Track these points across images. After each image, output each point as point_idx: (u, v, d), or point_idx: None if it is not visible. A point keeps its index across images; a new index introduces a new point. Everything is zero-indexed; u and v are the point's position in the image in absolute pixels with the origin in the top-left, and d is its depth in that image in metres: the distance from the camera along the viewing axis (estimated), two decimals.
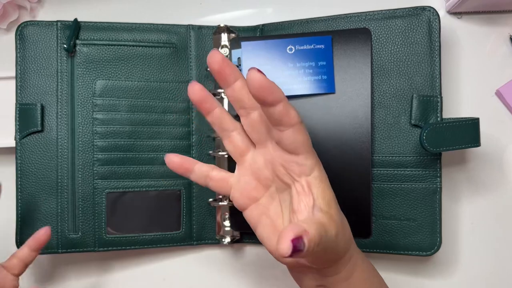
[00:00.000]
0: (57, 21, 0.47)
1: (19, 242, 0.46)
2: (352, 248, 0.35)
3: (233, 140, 0.36)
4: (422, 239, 0.44)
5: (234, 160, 0.48)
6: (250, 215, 0.36)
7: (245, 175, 0.36)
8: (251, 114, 0.34)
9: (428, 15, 0.44)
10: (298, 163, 0.32)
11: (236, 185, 0.36)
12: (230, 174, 0.37)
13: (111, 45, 0.47)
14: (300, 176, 0.32)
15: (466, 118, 0.43)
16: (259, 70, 0.29)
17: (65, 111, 0.47)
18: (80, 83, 0.47)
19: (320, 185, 0.32)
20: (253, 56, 0.46)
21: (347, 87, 0.45)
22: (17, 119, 0.46)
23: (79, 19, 0.47)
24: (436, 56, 0.44)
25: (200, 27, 0.49)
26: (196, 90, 0.35)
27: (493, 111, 0.50)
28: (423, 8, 0.45)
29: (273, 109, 0.30)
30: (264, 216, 0.35)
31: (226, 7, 0.53)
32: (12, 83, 0.48)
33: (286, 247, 0.25)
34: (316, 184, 0.32)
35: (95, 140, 0.47)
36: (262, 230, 0.35)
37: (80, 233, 0.46)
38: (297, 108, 0.45)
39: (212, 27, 0.49)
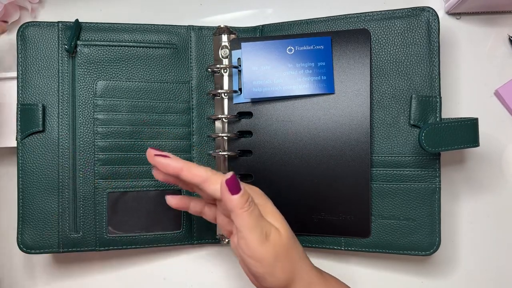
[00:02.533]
0: (58, 21, 0.47)
1: (20, 242, 0.46)
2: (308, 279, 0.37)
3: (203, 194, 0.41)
4: (421, 239, 0.45)
5: (233, 160, 0.48)
6: (231, 243, 0.40)
7: (219, 214, 0.41)
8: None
9: (427, 16, 0.45)
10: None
11: (217, 220, 0.41)
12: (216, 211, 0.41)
13: (112, 45, 0.48)
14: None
15: (465, 118, 0.43)
16: (161, 155, 0.37)
17: (66, 112, 0.47)
18: (81, 84, 0.47)
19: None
20: (253, 57, 0.46)
21: (347, 87, 0.45)
22: (19, 119, 0.46)
23: (80, 20, 0.48)
24: (435, 57, 0.44)
25: (200, 28, 0.49)
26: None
27: (492, 112, 0.50)
28: (422, 9, 0.45)
29: (182, 178, 0.37)
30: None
31: (226, 7, 0.53)
32: (14, 83, 0.48)
33: (223, 188, 0.34)
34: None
35: (96, 140, 0.47)
36: (237, 257, 0.39)
37: (81, 233, 0.47)
38: (297, 108, 0.46)
39: (213, 27, 0.49)
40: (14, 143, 0.47)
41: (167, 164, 0.37)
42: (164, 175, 0.39)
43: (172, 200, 0.41)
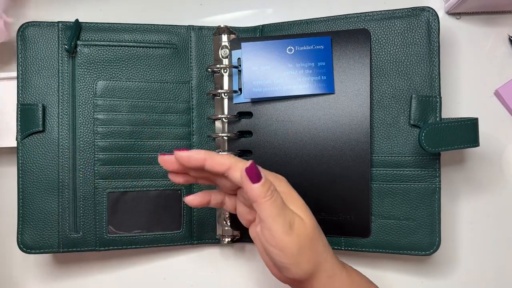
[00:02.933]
0: (58, 21, 0.47)
1: (20, 242, 0.46)
2: (329, 271, 0.37)
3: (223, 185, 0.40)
4: (421, 239, 0.45)
5: None
6: (250, 232, 0.40)
7: (239, 204, 0.40)
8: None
9: (427, 16, 0.45)
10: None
11: (237, 210, 0.41)
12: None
13: (112, 45, 0.48)
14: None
15: (465, 118, 0.43)
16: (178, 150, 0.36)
17: (66, 112, 0.47)
18: (81, 84, 0.47)
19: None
20: (253, 57, 0.46)
21: (347, 87, 0.45)
22: (19, 119, 0.46)
23: (80, 20, 0.48)
24: (435, 57, 0.44)
25: (200, 28, 0.49)
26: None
27: (492, 111, 0.50)
28: (422, 9, 0.45)
29: (206, 169, 0.36)
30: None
31: (226, 7, 0.53)
32: (14, 83, 0.48)
33: (243, 175, 0.34)
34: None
35: (96, 140, 0.47)
36: (257, 246, 0.39)
37: (81, 233, 0.47)
38: (297, 108, 0.46)
39: (213, 27, 0.49)
40: (14, 143, 0.47)
41: (189, 156, 0.35)
42: (184, 176, 0.38)
43: (194, 199, 0.39)
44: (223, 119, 0.48)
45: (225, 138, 0.48)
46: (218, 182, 0.39)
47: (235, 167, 0.35)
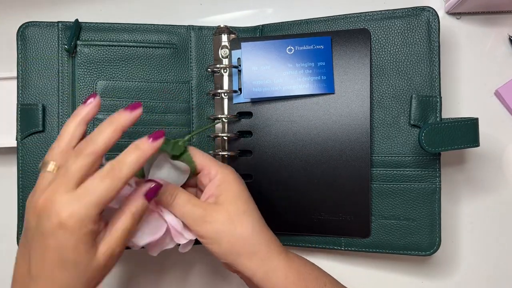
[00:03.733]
0: (58, 21, 0.47)
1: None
2: (260, 255, 0.38)
3: None
4: (421, 239, 0.45)
5: (233, 160, 0.48)
6: None
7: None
8: None
9: (427, 16, 0.45)
10: (205, 174, 0.39)
11: None
12: None
13: (112, 45, 0.48)
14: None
15: (465, 118, 0.43)
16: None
17: (66, 112, 0.47)
18: (81, 84, 0.47)
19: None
20: (252, 57, 0.46)
21: (347, 87, 0.45)
22: (19, 119, 0.46)
23: (80, 20, 0.48)
24: (436, 57, 0.44)
25: (200, 28, 0.49)
26: None
27: (492, 111, 0.50)
28: (423, 9, 0.45)
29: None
30: None
31: (226, 7, 0.53)
32: (14, 83, 0.48)
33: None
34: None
35: None
36: None
37: None
38: (297, 108, 0.46)
39: (213, 27, 0.49)
40: (14, 143, 0.47)
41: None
42: None
43: None
44: (223, 119, 0.48)
45: (225, 138, 0.47)
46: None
47: (193, 153, 0.39)
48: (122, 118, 0.34)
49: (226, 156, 0.47)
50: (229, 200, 0.38)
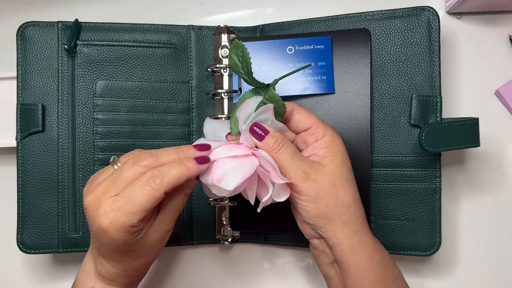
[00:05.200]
0: (58, 21, 0.47)
1: (20, 242, 0.46)
2: (353, 226, 0.37)
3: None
4: (421, 239, 0.45)
5: None
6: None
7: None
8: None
9: (427, 16, 0.45)
10: (311, 133, 0.39)
11: None
12: None
13: (112, 45, 0.48)
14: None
15: (465, 118, 0.43)
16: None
17: (65, 111, 0.47)
18: (80, 84, 0.47)
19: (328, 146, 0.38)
20: (252, 57, 0.46)
21: (347, 87, 0.45)
22: (18, 119, 0.46)
23: (80, 20, 0.48)
24: (436, 56, 0.44)
25: (200, 28, 0.49)
26: None
27: (493, 111, 0.50)
28: (423, 9, 0.45)
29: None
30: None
31: (226, 7, 0.53)
32: (13, 83, 0.48)
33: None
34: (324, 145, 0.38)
35: (95, 140, 0.47)
36: (291, 206, 0.41)
37: (80, 233, 0.47)
38: None
39: (212, 27, 0.49)
40: (14, 143, 0.47)
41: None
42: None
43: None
44: (223, 119, 0.47)
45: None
46: None
47: (297, 108, 0.39)
48: (191, 167, 0.35)
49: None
50: (335, 164, 0.37)
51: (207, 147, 0.36)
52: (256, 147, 0.38)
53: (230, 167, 0.35)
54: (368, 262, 0.36)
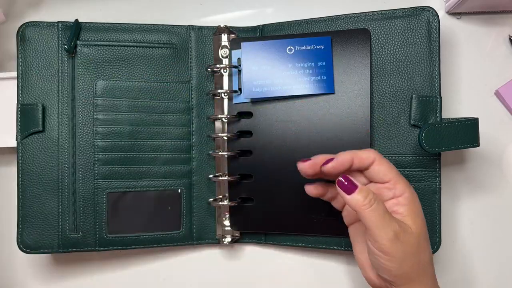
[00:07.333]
0: (58, 21, 0.47)
1: (20, 242, 0.46)
2: (428, 287, 0.37)
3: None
4: None
5: (233, 160, 0.48)
6: (349, 231, 0.42)
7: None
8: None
9: (427, 16, 0.45)
10: (388, 188, 0.38)
11: (344, 209, 0.42)
12: None
13: (112, 45, 0.48)
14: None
15: (465, 118, 0.43)
16: (303, 160, 0.39)
17: (66, 112, 0.47)
18: (80, 84, 0.47)
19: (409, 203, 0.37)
20: (253, 57, 0.46)
21: (347, 87, 0.45)
22: (18, 119, 0.46)
23: (79, 20, 0.48)
24: (436, 57, 0.44)
25: (200, 28, 0.49)
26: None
27: (492, 111, 0.50)
28: (423, 9, 0.45)
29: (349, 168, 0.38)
30: (357, 239, 0.41)
31: (226, 7, 0.53)
32: (13, 83, 0.48)
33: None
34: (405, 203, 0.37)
35: (95, 140, 0.47)
36: (354, 246, 0.41)
37: (80, 233, 0.47)
38: (297, 108, 0.46)
39: (213, 27, 0.49)
40: (14, 143, 0.47)
41: (340, 163, 0.37)
42: (320, 188, 0.41)
43: (315, 189, 0.41)
44: (223, 119, 0.48)
45: (225, 138, 0.47)
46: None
47: (378, 159, 0.37)
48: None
49: (226, 156, 0.47)
50: (418, 223, 0.36)
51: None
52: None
53: None
54: None
